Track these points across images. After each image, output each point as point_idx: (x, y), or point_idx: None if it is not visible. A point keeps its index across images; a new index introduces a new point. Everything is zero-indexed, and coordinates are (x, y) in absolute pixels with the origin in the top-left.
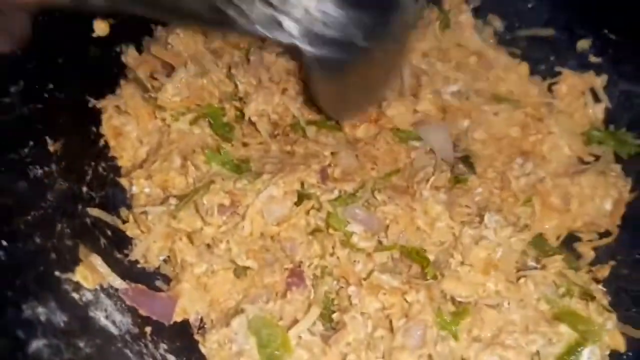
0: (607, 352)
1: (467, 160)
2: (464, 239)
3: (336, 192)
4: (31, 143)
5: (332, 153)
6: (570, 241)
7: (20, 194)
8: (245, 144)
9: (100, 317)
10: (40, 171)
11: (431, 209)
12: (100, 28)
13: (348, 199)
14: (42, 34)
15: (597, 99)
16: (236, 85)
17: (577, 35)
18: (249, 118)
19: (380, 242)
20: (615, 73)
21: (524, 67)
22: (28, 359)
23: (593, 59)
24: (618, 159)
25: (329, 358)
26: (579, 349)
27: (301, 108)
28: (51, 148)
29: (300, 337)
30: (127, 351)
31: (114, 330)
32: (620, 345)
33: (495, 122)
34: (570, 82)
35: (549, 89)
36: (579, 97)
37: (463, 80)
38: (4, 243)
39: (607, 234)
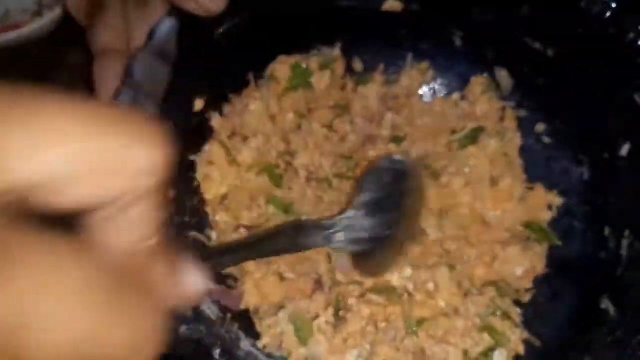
0: (513, 354)
1: None
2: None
3: None
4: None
5: (347, 200)
6: None
7: None
8: (290, 188)
9: (205, 309)
10: (166, 213)
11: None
12: (199, 105)
13: None
14: (164, 121)
15: (550, 208)
16: (288, 144)
17: (538, 119)
18: (295, 169)
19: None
20: (558, 152)
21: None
22: (180, 337)
23: (546, 139)
24: None
25: (336, 340)
26: (493, 351)
27: (331, 166)
28: (170, 195)
29: (319, 326)
30: (222, 331)
31: (213, 317)
32: (520, 350)
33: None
34: (539, 193)
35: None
36: (539, 204)
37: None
38: None
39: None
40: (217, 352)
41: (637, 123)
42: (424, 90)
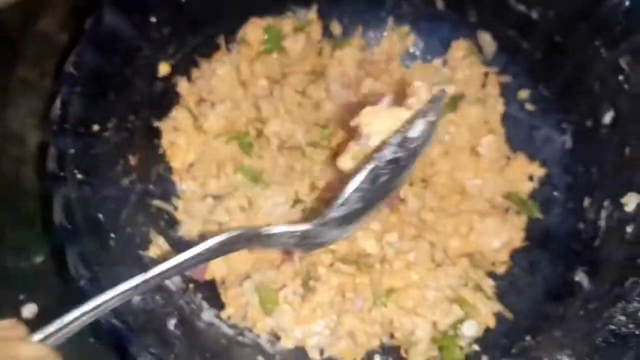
0: (484, 327)
1: None
2: (391, 254)
3: (316, 204)
4: (121, 161)
5: (321, 169)
6: None
7: (116, 199)
8: (260, 156)
9: None
10: (126, 180)
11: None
12: (164, 70)
13: None
14: (125, 85)
15: (531, 178)
16: (259, 111)
17: (521, 85)
18: (267, 136)
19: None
20: (541, 120)
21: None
22: (133, 307)
23: (529, 106)
24: None
25: (304, 310)
26: (462, 322)
27: (305, 134)
28: (132, 162)
29: (286, 296)
30: (181, 301)
31: (172, 287)
32: (491, 323)
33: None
34: (520, 163)
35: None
36: (520, 174)
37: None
38: (112, 235)
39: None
40: (172, 323)
41: (622, 89)
42: (404, 55)
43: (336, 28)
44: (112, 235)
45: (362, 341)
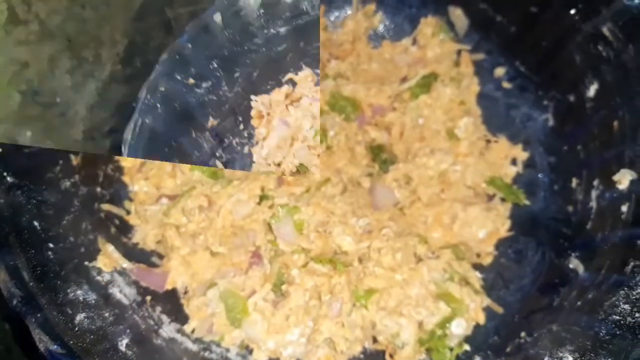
0: (473, 324)
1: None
2: (372, 253)
3: (285, 199)
4: (61, 162)
5: None
6: None
7: (56, 204)
8: None
9: (116, 292)
10: (68, 182)
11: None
12: None
13: (288, 211)
14: None
15: (514, 162)
16: None
17: (497, 63)
18: None
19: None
20: (520, 98)
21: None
22: (75, 327)
23: (505, 84)
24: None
25: (276, 319)
26: (450, 321)
27: None
28: (74, 162)
29: (256, 304)
30: (135, 316)
31: (125, 301)
32: (481, 319)
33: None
34: (502, 146)
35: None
36: (502, 158)
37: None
38: (51, 245)
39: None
40: (123, 343)
41: (606, 59)
42: (370, 35)
43: None
44: (51, 245)
45: (342, 348)
